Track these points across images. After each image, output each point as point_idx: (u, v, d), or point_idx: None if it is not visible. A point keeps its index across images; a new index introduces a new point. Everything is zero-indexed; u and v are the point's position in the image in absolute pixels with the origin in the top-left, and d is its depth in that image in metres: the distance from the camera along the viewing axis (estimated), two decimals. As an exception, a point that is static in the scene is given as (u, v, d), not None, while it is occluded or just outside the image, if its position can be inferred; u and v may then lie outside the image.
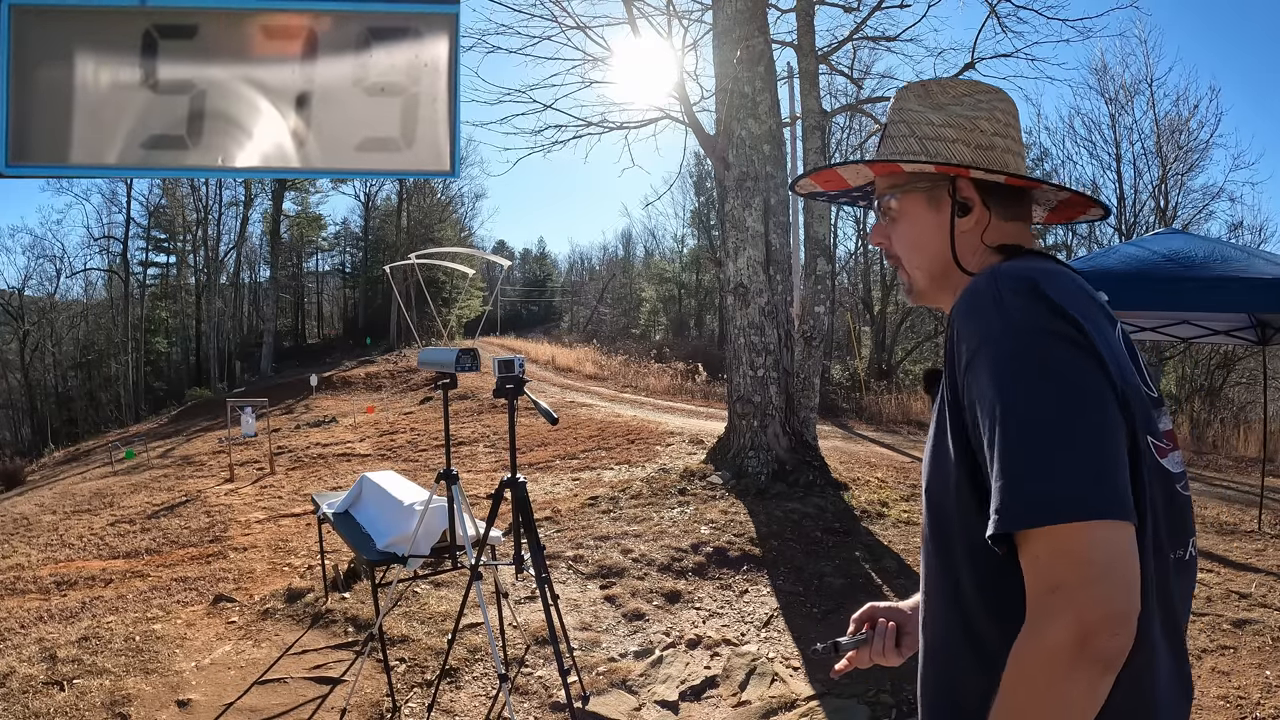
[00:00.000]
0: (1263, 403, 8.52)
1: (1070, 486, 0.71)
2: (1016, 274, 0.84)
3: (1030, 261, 0.90)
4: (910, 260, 1.02)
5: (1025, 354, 0.77)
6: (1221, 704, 3.10)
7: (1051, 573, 0.70)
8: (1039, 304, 0.80)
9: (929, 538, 0.92)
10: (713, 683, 3.34)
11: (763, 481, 6.28)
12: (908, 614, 1.11)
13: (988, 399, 0.78)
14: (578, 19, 8.55)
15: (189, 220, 34.21)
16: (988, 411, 0.77)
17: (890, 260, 1.08)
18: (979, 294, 0.84)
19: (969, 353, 0.82)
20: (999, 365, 0.78)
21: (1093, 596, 0.68)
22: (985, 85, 1.03)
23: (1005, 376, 0.77)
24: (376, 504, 3.63)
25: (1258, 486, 6.83)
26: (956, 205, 0.96)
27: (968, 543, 0.84)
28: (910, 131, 1.01)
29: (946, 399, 0.87)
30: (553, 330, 44.07)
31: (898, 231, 1.03)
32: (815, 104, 8.19)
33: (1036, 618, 0.71)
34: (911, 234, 1.01)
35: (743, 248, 6.74)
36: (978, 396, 0.80)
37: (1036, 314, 0.79)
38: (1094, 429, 0.74)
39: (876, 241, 1.06)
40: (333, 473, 9.80)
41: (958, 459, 0.84)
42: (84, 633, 3.92)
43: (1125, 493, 0.73)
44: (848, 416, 14.69)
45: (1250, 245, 13.05)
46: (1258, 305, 4.87)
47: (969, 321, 0.84)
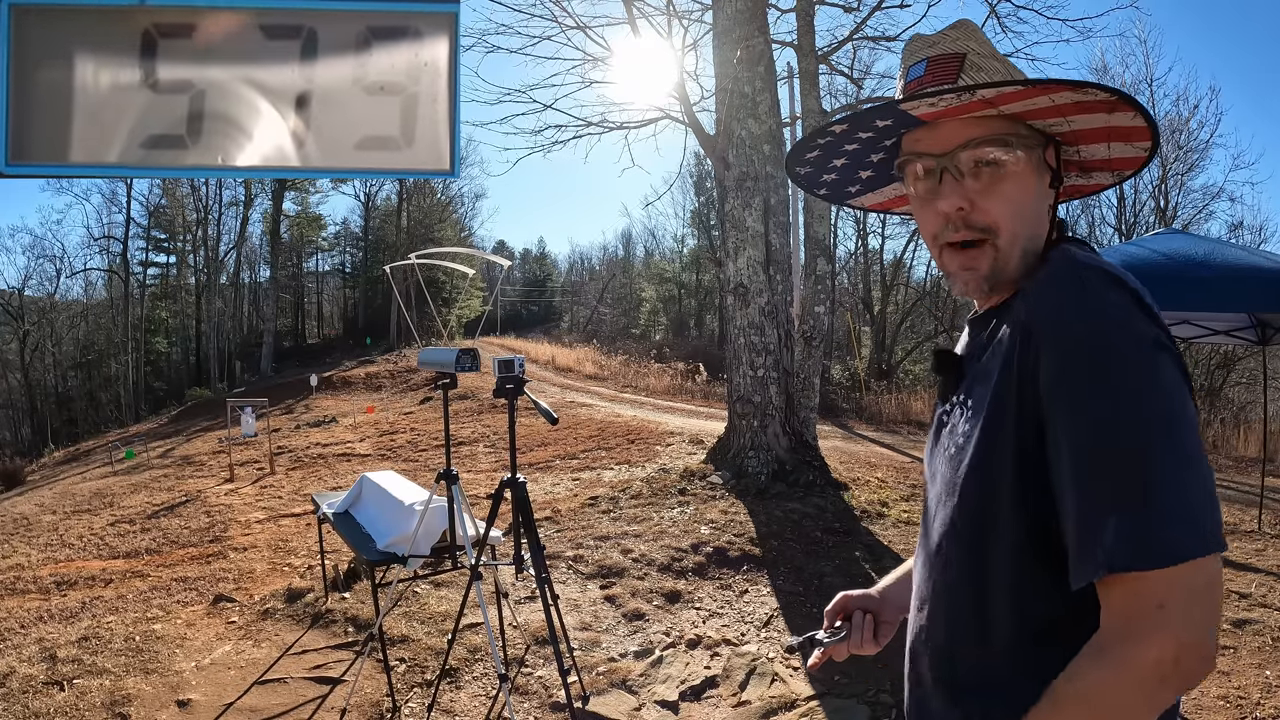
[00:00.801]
0: (1263, 403, 8.51)
1: (1195, 523, 0.68)
2: (1102, 268, 0.77)
3: (1089, 252, 0.85)
4: (1009, 227, 0.85)
5: (1141, 368, 0.71)
6: (1221, 704, 3.10)
7: (1159, 592, 0.68)
8: (1140, 309, 0.74)
9: (953, 533, 0.86)
10: (713, 683, 3.34)
11: (763, 481, 6.28)
12: (881, 601, 1.10)
13: (1094, 413, 0.71)
14: (578, 19, 8.56)
15: (189, 220, 34.23)
16: (1093, 425, 0.71)
17: (965, 237, 0.86)
18: (1072, 287, 0.76)
19: (1062, 355, 0.74)
20: (1112, 377, 0.71)
21: (1194, 621, 0.68)
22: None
23: (1121, 392, 0.70)
24: (376, 504, 3.63)
25: (1258, 486, 6.83)
26: (1055, 173, 0.86)
27: (1011, 541, 0.79)
28: (1009, 70, 0.86)
29: (1004, 389, 0.79)
30: (553, 330, 44.08)
31: (1000, 193, 0.84)
32: (815, 104, 8.19)
33: (1136, 630, 0.69)
34: (1019, 198, 0.84)
35: (743, 248, 6.74)
36: (1072, 403, 0.72)
37: (1140, 320, 0.73)
38: (1201, 451, 0.71)
39: (954, 205, 0.85)
40: (333, 473, 9.80)
41: (1017, 455, 0.77)
42: (84, 633, 3.92)
43: (1216, 519, 0.70)
44: (848, 416, 14.69)
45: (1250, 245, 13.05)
46: (1258, 305, 4.87)
47: (1061, 318, 0.75)
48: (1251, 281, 4.37)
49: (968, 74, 0.85)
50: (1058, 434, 0.73)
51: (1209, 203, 19.23)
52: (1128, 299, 0.74)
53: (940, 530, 0.88)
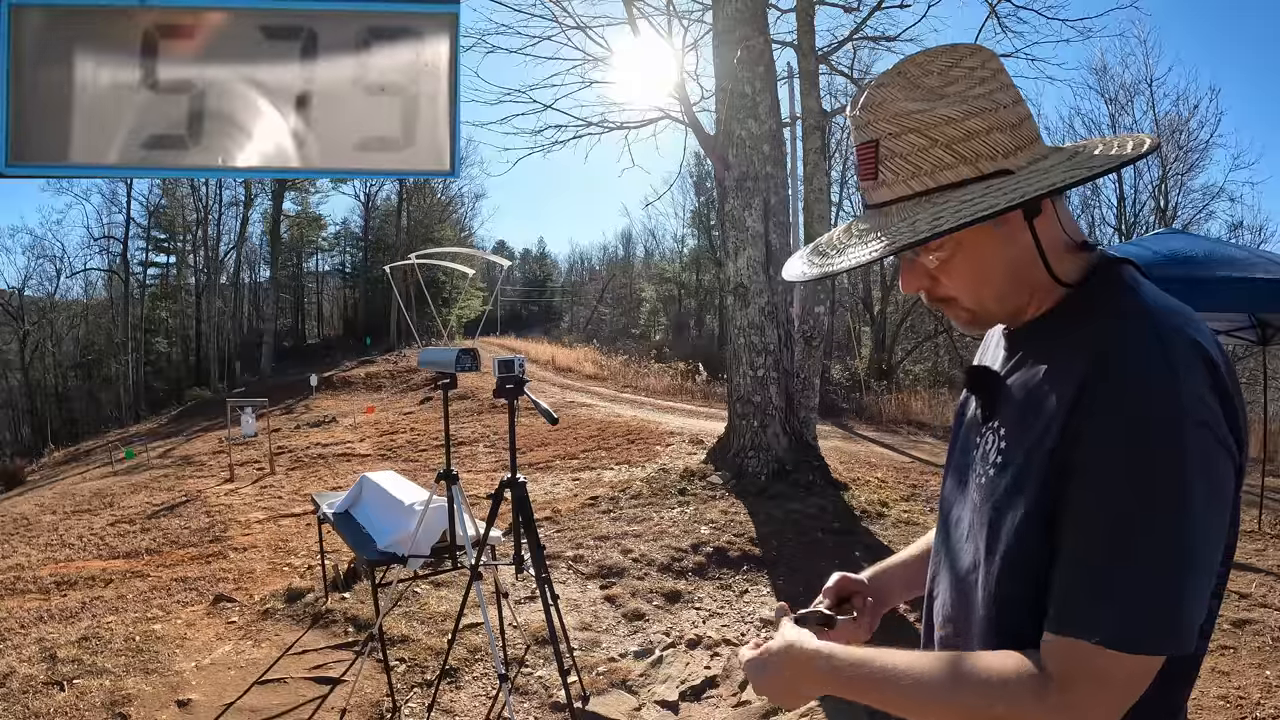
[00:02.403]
0: (1263, 403, 8.51)
1: (1158, 624, 0.68)
2: (1176, 327, 0.73)
3: (1150, 287, 0.80)
4: (974, 295, 0.84)
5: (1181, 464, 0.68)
6: (1221, 704, 3.09)
7: (1085, 666, 0.70)
8: (1204, 378, 0.71)
9: (985, 562, 0.83)
10: (713, 683, 3.34)
11: (763, 481, 6.28)
12: (878, 590, 1.12)
13: (1121, 486, 0.69)
14: (578, 19, 8.55)
15: (189, 220, 34.23)
16: (1112, 497, 0.70)
17: (934, 304, 0.88)
18: (1148, 359, 0.71)
19: (1113, 424, 0.70)
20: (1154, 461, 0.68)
21: (1095, 714, 0.70)
22: (964, 47, 0.82)
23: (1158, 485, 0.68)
24: (376, 504, 3.63)
25: (1258, 486, 6.82)
26: (1027, 208, 0.77)
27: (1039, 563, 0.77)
28: (929, 140, 0.78)
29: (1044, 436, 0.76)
30: (553, 330, 44.06)
31: (951, 270, 0.83)
32: (815, 104, 8.20)
33: (1049, 678, 0.71)
34: (971, 268, 0.82)
35: (743, 248, 6.74)
36: (1102, 470, 0.71)
37: (1201, 397, 0.70)
38: (1213, 551, 0.71)
39: (914, 289, 0.87)
40: (333, 473, 9.80)
41: (1037, 502, 0.76)
42: (84, 633, 3.92)
43: (1198, 624, 0.71)
44: (848, 416, 14.70)
45: (1250, 245, 13.05)
46: (1258, 305, 4.87)
47: (1125, 385, 0.71)
48: (1251, 282, 4.37)
49: (882, 164, 0.81)
50: (1083, 492, 0.72)
51: (1209, 203, 19.29)
52: (1198, 373, 0.71)
53: (970, 556, 0.87)
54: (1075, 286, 0.82)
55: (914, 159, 0.79)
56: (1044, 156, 0.80)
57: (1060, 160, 0.79)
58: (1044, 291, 0.82)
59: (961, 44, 0.83)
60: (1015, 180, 0.76)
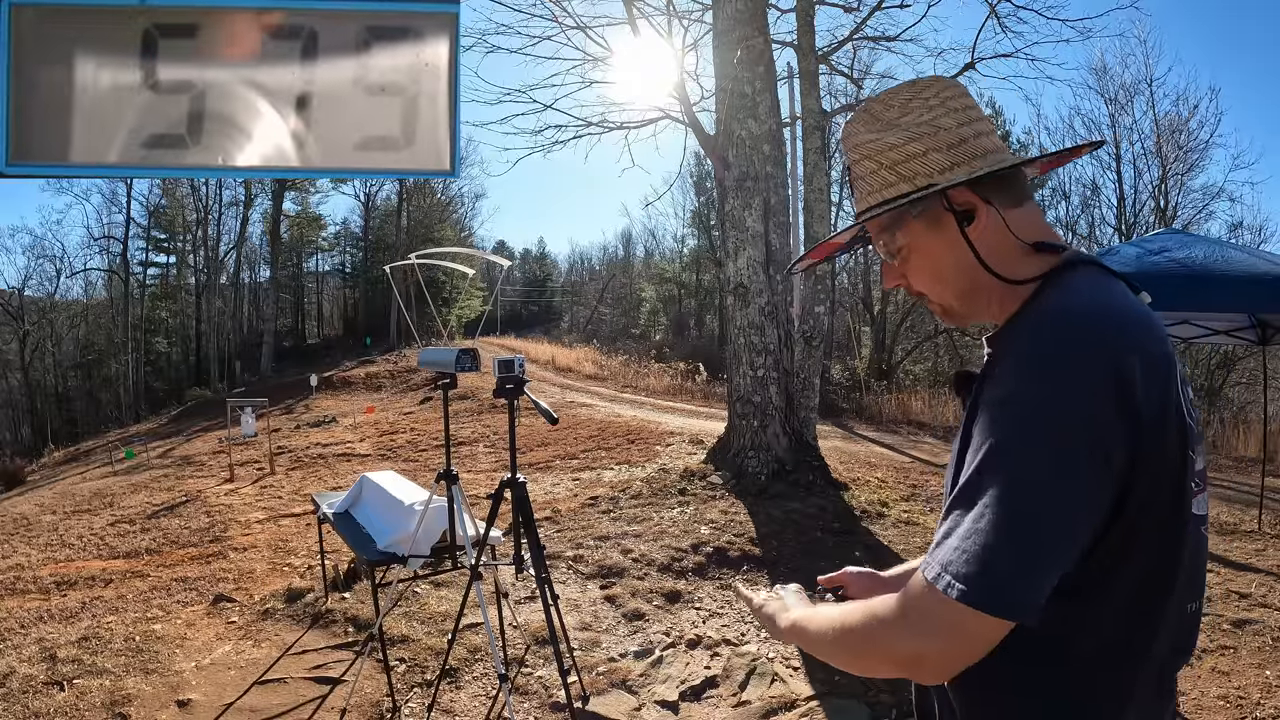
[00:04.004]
0: (1263, 403, 8.51)
1: (1011, 587, 0.71)
2: (1083, 329, 0.78)
3: (1095, 289, 0.83)
4: (936, 292, 0.95)
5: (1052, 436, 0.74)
6: (1221, 704, 3.09)
7: (920, 601, 0.75)
8: (1091, 383, 0.74)
9: None
10: (713, 683, 3.34)
11: (763, 481, 6.28)
12: (871, 583, 1.13)
13: (991, 446, 0.75)
14: (578, 19, 8.56)
15: (189, 220, 34.23)
16: (984, 457, 0.76)
17: (914, 297, 1.01)
18: (1030, 349, 0.79)
19: (1005, 392, 0.78)
20: (1020, 428, 0.75)
21: (944, 657, 0.75)
22: (925, 80, 0.95)
23: (1023, 444, 0.74)
24: (376, 504, 3.63)
25: (1258, 486, 6.82)
26: (958, 216, 0.88)
27: None
28: (877, 164, 0.93)
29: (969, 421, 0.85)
30: (553, 330, 44.08)
31: (912, 268, 0.95)
32: (815, 104, 8.19)
33: (898, 606, 0.77)
34: (928, 265, 0.94)
35: (743, 248, 6.74)
36: (983, 432, 0.77)
37: (1076, 398, 0.74)
38: (1067, 521, 0.73)
39: (892, 284, 1.00)
40: (333, 473, 9.80)
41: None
42: (84, 633, 3.93)
43: (1044, 594, 0.73)
44: (848, 416, 14.70)
45: (1250, 245, 13.06)
46: (1258, 305, 4.87)
47: (1025, 370, 0.78)
48: (1251, 282, 4.37)
49: (854, 184, 0.98)
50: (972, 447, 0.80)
51: (1209, 203, 19.28)
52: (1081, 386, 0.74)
53: None
54: (1029, 286, 0.88)
55: (869, 180, 0.94)
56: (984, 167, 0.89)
57: (988, 166, 0.88)
58: (1002, 292, 0.89)
59: (926, 77, 0.96)
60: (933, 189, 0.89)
